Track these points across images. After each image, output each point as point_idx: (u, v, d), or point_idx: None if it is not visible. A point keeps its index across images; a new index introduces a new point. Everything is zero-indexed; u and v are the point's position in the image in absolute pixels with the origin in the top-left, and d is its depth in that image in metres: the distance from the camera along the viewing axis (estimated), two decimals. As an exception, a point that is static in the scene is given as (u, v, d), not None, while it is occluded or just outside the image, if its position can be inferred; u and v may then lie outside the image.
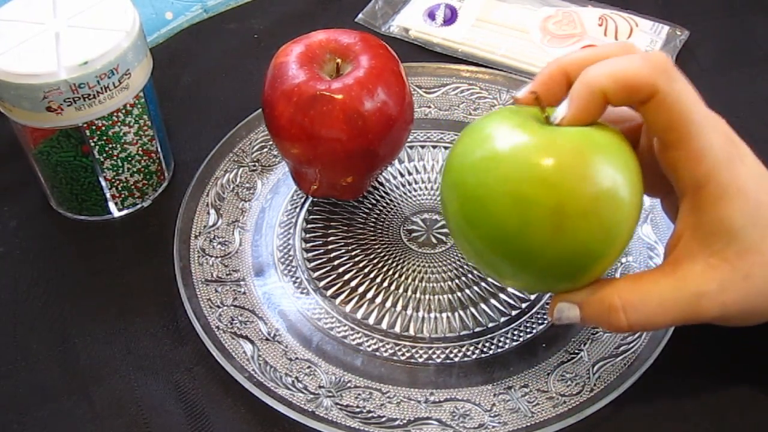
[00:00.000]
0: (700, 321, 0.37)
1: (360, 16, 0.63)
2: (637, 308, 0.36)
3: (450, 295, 0.45)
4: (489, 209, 0.35)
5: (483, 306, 0.45)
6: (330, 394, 0.41)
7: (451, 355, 0.43)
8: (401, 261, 0.47)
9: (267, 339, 0.43)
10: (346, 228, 0.49)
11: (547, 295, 0.45)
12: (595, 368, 0.41)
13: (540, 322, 0.44)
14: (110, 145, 0.46)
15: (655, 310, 0.36)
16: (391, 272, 0.46)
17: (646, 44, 0.59)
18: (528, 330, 0.44)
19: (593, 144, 0.35)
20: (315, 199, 0.50)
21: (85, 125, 0.45)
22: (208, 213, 0.49)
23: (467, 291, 0.45)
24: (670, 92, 0.34)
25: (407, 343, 0.43)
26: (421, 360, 0.43)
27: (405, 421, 0.40)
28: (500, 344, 0.43)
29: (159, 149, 0.50)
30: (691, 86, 0.36)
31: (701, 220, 0.36)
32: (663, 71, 0.35)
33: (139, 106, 0.47)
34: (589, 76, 0.35)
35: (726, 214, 0.35)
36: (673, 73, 0.35)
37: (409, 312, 0.45)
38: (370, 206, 0.50)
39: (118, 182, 0.48)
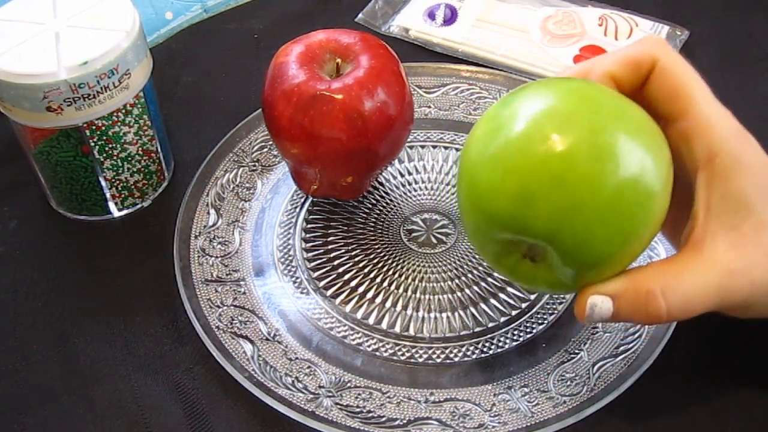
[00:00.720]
0: (730, 305, 0.35)
1: (360, 16, 0.63)
2: (676, 291, 0.34)
3: (450, 295, 0.45)
4: (527, 199, 0.33)
5: (483, 306, 0.45)
6: (330, 394, 0.41)
7: (451, 355, 0.43)
8: (401, 261, 0.47)
9: (267, 339, 0.43)
10: (346, 228, 0.49)
11: (547, 295, 0.45)
12: (595, 368, 0.41)
13: (540, 322, 0.44)
14: (110, 145, 0.46)
15: (693, 294, 0.34)
16: (391, 272, 0.46)
17: (646, 44, 0.59)
18: (528, 330, 0.44)
19: (623, 129, 0.33)
20: (315, 199, 0.50)
21: (85, 125, 0.45)
22: (208, 213, 0.49)
23: (467, 291, 0.45)
24: (668, 58, 0.36)
25: (407, 343, 0.43)
26: (421, 360, 0.43)
27: (405, 421, 0.40)
28: (500, 344, 0.43)
29: (159, 149, 0.50)
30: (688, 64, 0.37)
31: (716, 194, 0.35)
32: (659, 44, 0.36)
33: (139, 106, 0.47)
34: (596, 67, 0.37)
35: (739, 186, 0.34)
36: (670, 47, 0.36)
37: (409, 312, 0.45)
38: (370, 206, 0.50)
39: (118, 182, 0.48)
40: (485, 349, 0.43)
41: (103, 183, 0.48)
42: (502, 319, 0.44)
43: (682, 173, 0.36)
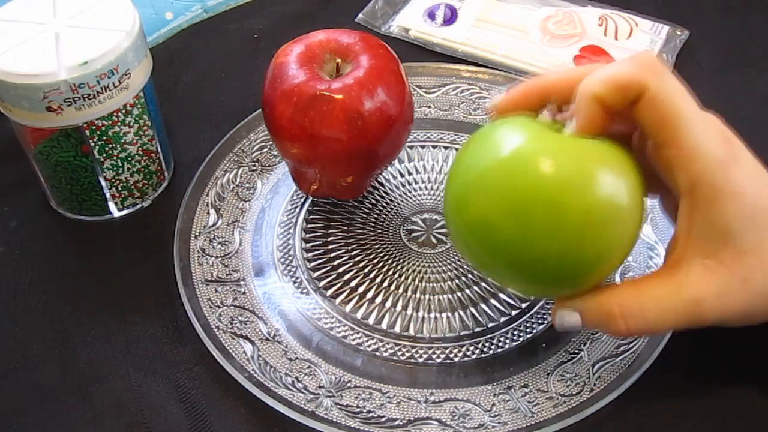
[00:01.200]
0: (700, 325, 0.37)
1: (360, 16, 0.63)
2: (635, 315, 0.36)
3: (450, 295, 0.45)
4: (493, 227, 0.36)
5: (483, 306, 0.45)
6: (330, 394, 0.41)
7: (451, 355, 0.43)
8: (401, 261, 0.47)
9: (267, 339, 0.43)
10: (346, 228, 0.49)
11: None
12: (595, 368, 0.41)
13: (540, 322, 0.44)
14: (110, 145, 0.46)
15: (654, 316, 0.36)
16: (391, 272, 0.46)
17: (646, 44, 0.59)
18: (528, 330, 0.44)
19: (596, 158, 0.35)
20: (315, 199, 0.50)
21: (85, 125, 0.45)
22: (208, 213, 0.49)
23: (467, 291, 0.45)
24: (659, 89, 0.35)
25: (407, 343, 0.43)
26: (421, 360, 0.43)
27: (405, 421, 0.40)
28: (500, 344, 0.43)
29: (159, 149, 0.50)
30: (681, 85, 0.36)
31: (697, 221, 0.36)
32: (650, 69, 0.35)
33: (139, 106, 0.47)
34: (583, 87, 0.36)
35: (720, 217, 0.35)
36: (662, 71, 0.35)
37: (409, 312, 0.45)
38: (370, 206, 0.50)
39: (118, 182, 0.48)
40: (485, 349, 0.43)
41: (103, 183, 0.48)
42: (502, 319, 0.44)
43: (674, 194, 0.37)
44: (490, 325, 0.44)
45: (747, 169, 0.36)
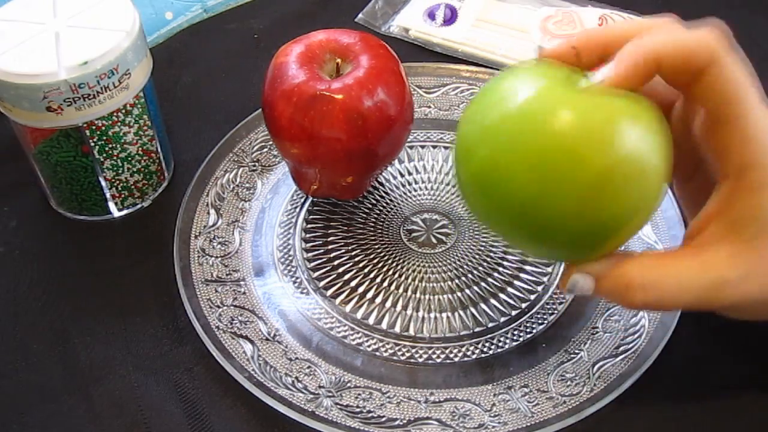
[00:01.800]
0: (715, 308, 0.36)
1: (360, 16, 0.63)
2: (656, 287, 0.35)
3: (450, 295, 0.45)
4: (505, 178, 0.33)
5: (483, 306, 0.45)
6: (330, 394, 0.41)
7: (451, 355, 0.43)
8: (401, 261, 0.47)
9: (267, 339, 0.43)
10: (346, 228, 0.49)
11: (547, 295, 0.45)
12: (595, 368, 0.41)
13: (540, 322, 0.44)
14: (110, 145, 0.46)
15: (673, 291, 0.35)
16: (391, 272, 0.46)
17: (646, 44, 0.59)
18: (528, 330, 0.44)
19: (623, 111, 0.32)
20: (315, 199, 0.50)
21: (85, 125, 0.45)
22: (208, 213, 0.49)
23: (467, 291, 0.45)
24: (729, 64, 0.33)
25: (407, 343, 0.43)
26: (421, 360, 0.43)
27: (405, 421, 0.40)
28: (500, 344, 0.43)
29: (159, 149, 0.50)
30: (748, 66, 0.34)
31: (737, 206, 0.34)
32: (723, 41, 0.33)
33: (139, 106, 0.47)
34: (645, 40, 0.33)
35: (760, 203, 0.34)
36: (732, 47, 0.34)
37: (409, 312, 0.45)
38: (370, 206, 0.50)
39: (118, 182, 0.48)
40: (485, 349, 0.43)
41: (103, 183, 0.48)
42: (502, 319, 0.44)
43: (705, 164, 0.36)
44: (490, 325, 0.44)
45: None
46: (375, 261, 0.47)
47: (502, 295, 0.45)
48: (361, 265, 0.47)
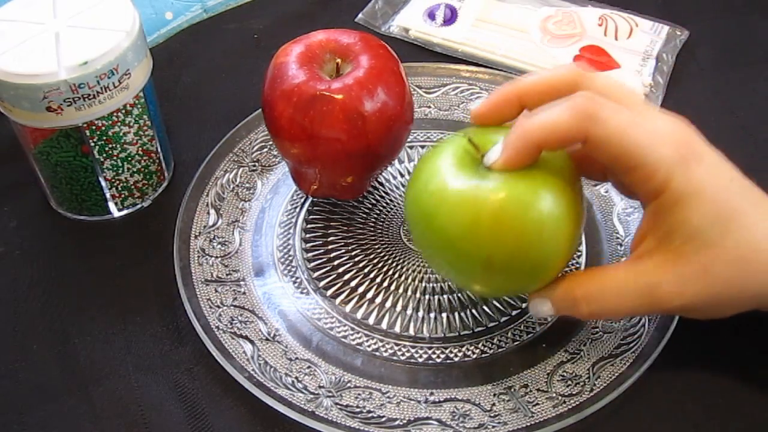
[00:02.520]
0: (662, 311, 0.39)
1: (360, 16, 0.63)
2: (596, 298, 0.38)
3: (450, 295, 0.45)
4: (448, 237, 0.38)
5: (483, 306, 0.45)
6: (330, 394, 0.41)
7: (451, 355, 0.43)
8: (401, 261, 0.47)
9: (267, 339, 0.43)
10: (346, 228, 0.49)
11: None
12: (595, 368, 0.41)
13: (540, 322, 0.44)
14: (110, 145, 0.46)
15: (614, 300, 0.38)
16: (391, 272, 0.46)
17: (646, 44, 0.59)
18: (528, 330, 0.44)
19: (523, 189, 0.37)
20: (315, 199, 0.50)
21: (85, 125, 0.45)
22: (208, 213, 0.49)
23: (467, 291, 0.45)
24: (602, 133, 0.36)
25: (407, 343, 0.43)
26: (421, 360, 0.43)
27: (405, 421, 0.40)
28: (500, 344, 0.43)
29: (159, 149, 0.50)
30: (620, 111, 0.37)
31: (660, 223, 0.37)
32: (590, 117, 0.36)
33: (139, 106, 0.47)
34: (523, 129, 0.37)
35: (682, 217, 0.36)
36: (598, 111, 0.36)
37: (409, 312, 0.45)
38: (370, 206, 0.50)
39: (118, 182, 0.48)
40: (485, 349, 0.43)
41: (103, 183, 0.48)
42: (502, 319, 0.44)
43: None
44: (490, 325, 0.44)
45: (707, 167, 0.37)
46: (375, 261, 0.47)
47: (502, 295, 0.45)
48: (361, 265, 0.47)
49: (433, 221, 0.38)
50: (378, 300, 0.45)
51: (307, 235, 0.48)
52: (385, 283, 0.46)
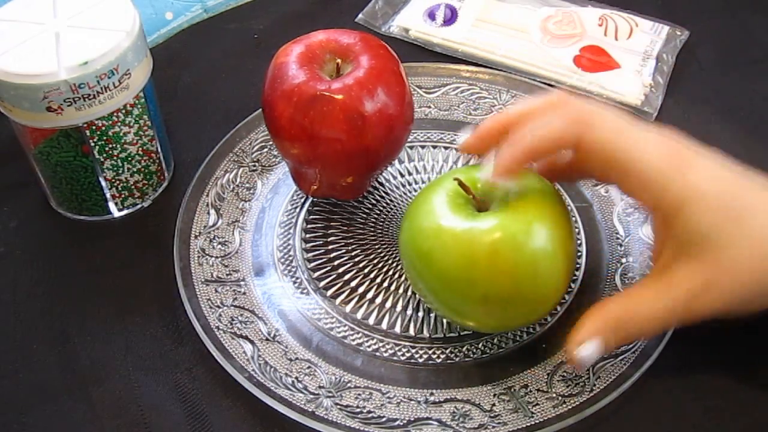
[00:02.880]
0: (697, 320, 0.38)
1: (360, 16, 0.63)
2: (632, 321, 0.37)
3: (450, 295, 0.45)
4: (446, 275, 0.39)
5: (483, 306, 0.45)
6: (330, 394, 0.41)
7: (451, 355, 0.43)
8: (401, 261, 0.47)
9: (267, 339, 0.43)
10: (346, 228, 0.49)
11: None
12: (595, 368, 0.41)
13: (540, 322, 0.44)
14: (110, 145, 0.46)
15: (649, 318, 0.37)
16: (391, 272, 0.46)
17: (646, 44, 0.59)
18: (528, 330, 0.44)
19: (517, 228, 0.38)
20: (315, 199, 0.50)
21: (85, 125, 0.45)
22: (208, 213, 0.49)
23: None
24: (594, 140, 0.37)
25: (407, 343, 0.43)
26: (421, 360, 0.43)
27: (405, 422, 0.40)
28: (500, 344, 0.43)
29: (159, 149, 0.50)
30: (614, 120, 0.37)
31: (670, 233, 0.37)
32: (582, 122, 0.37)
33: (139, 106, 0.47)
34: (516, 137, 0.38)
35: (691, 223, 0.36)
36: (591, 118, 0.37)
37: (409, 312, 0.45)
38: (370, 206, 0.50)
39: (118, 182, 0.48)
40: (485, 349, 0.43)
41: (103, 183, 0.48)
42: (502, 319, 0.44)
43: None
44: (490, 325, 0.44)
45: (704, 170, 0.37)
46: (375, 261, 0.47)
47: (502, 295, 0.45)
48: (361, 265, 0.47)
49: (430, 262, 0.39)
50: (378, 300, 0.45)
51: (307, 235, 0.48)
52: (385, 283, 0.46)
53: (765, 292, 0.37)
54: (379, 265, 0.47)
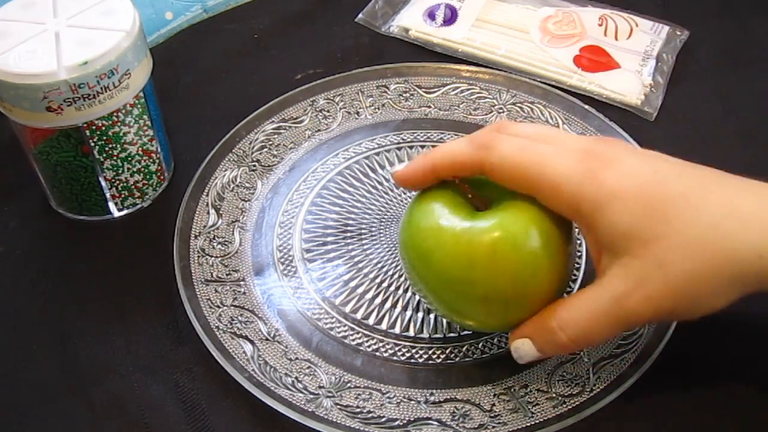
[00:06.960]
0: (638, 323, 0.38)
1: (360, 16, 0.63)
2: (570, 324, 0.37)
3: (450, 295, 0.45)
4: (447, 273, 0.39)
5: (483, 306, 0.45)
6: (330, 394, 0.41)
7: (451, 355, 0.43)
8: (401, 261, 0.47)
9: (267, 339, 0.43)
10: (345, 228, 0.49)
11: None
12: (595, 368, 0.41)
13: (540, 322, 0.44)
14: (110, 145, 0.46)
15: (586, 322, 0.37)
16: (391, 272, 0.46)
17: (646, 44, 0.59)
18: (528, 330, 0.44)
19: (516, 228, 0.38)
20: (315, 199, 0.50)
21: (85, 125, 0.45)
22: (208, 213, 0.49)
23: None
24: (495, 160, 0.38)
25: (407, 343, 0.43)
26: (421, 360, 0.43)
27: (405, 422, 0.40)
28: (500, 344, 0.43)
29: (159, 149, 0.50)
30: (516, 141, 0.38)
31: (596, 235, 0.37)
32: (482, 146, 0.38)
33: (139, 106, 0.47)
34: (428, 153, 0.40)
35: (610, 225, 0.36)
36: (495, 141, 0.38)
37: (408, 312, 0.45)
38: (370, 206, 0.50)
39: (118, 182, 0.48)
40: (485, 349, 0.43)
41: (103, 183, 0.48)
42: (502, 319, 0.44)
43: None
44: (490, 325, 0.44)
45: (620, 167, 0.37)
46: (375, 261, 0.47)
47: (502, 295, 0.45)
48: (360, 265, 0.47)
49: (429, 261, 0.39)
50: (378, 300, 0.45)
51: (307, 235, 0.48)
52: (385, 283, 0.46)
53: (712, 290, 0.35)
54: (379, 265, 0.47)
